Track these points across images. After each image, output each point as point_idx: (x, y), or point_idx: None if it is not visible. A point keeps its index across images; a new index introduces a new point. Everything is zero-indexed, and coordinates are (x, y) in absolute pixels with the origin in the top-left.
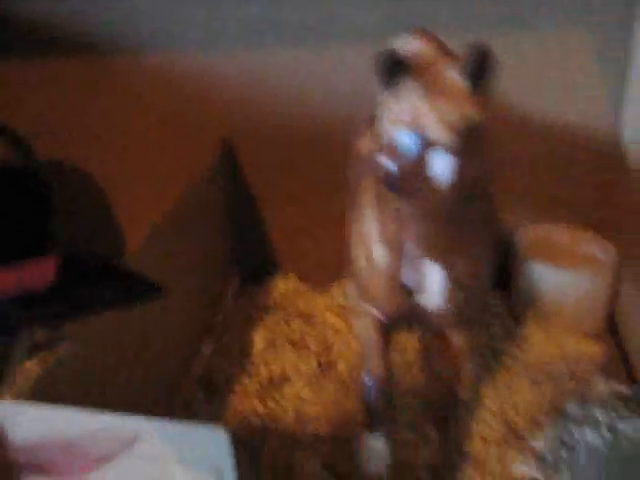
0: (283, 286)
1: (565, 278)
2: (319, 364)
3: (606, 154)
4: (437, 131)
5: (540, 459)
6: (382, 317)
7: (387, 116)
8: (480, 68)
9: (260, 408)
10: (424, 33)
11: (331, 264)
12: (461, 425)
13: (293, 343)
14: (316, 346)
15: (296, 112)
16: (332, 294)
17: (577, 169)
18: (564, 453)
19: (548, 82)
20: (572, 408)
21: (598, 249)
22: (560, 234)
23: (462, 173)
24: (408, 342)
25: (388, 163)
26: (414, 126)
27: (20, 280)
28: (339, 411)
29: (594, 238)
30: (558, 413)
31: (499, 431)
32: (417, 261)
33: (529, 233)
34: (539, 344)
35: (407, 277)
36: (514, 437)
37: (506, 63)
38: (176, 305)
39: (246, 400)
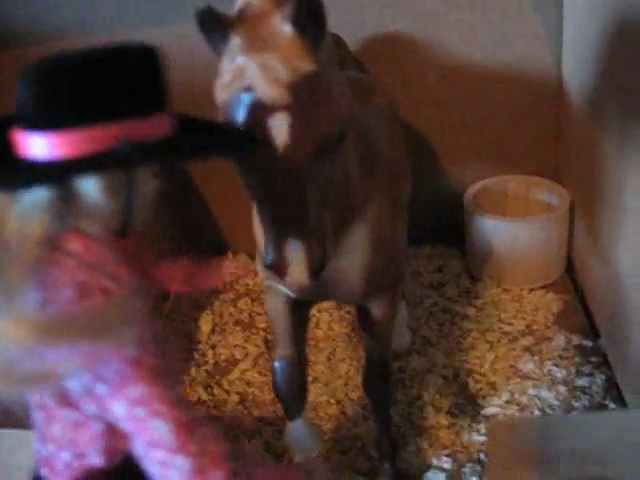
0: (232, 267)
1: (518, 229)
2: (266, 342)
3: (549, 95)
4: (264, 89)
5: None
6: (291, 293)
7: (218, 78)
8: (309, 14)
9: (205, 396)
10: None
11: None
12: (389, 399)
13: (241, 324)
14: (264, 323)
15: None
16: None
17: (522, 116)
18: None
19: (482, 27)
20: (527, 367)
21: (551, 196)
22: (512, 185)
23: (302, 133)
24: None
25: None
26: (242, 85)
27: (139, 131)
28: None
29: (547, 185)
30: (514, 373)
31: (452, 398)
32: (272, 239)
33: (480, 188)
34: (495, 301)
35: (270, 259)
36: (467, 403)
37: (434, 11)
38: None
39: (192, 389)
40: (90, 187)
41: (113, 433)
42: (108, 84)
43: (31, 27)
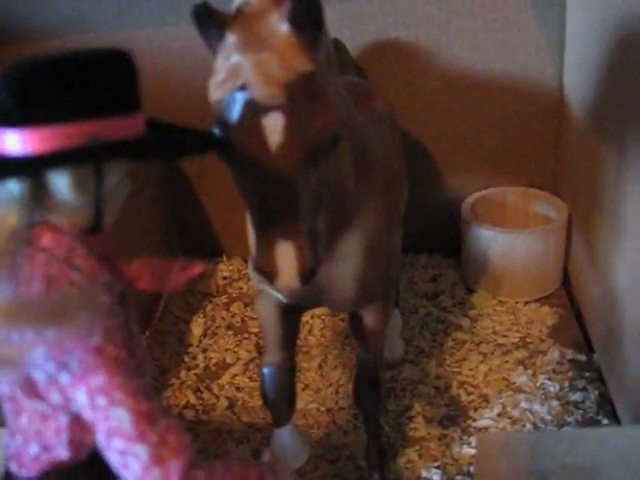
0: (226, 270)
1: (515, 240)
2: (257, 347)
3: (549, 107)
4: (259, 88)
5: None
6: (283, 298)
7: (213, 77)
8: (306, 13)
9: (195, 400)
10: None
11: None
12: (379, 409)
13: (233, 328)
14: (256, 327)
15: None
16: None
17: (522, 127)
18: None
19: (483, 36)
20: (520, 380)
21: (549, 208)
22: (510, 196)
23: (296, 134)
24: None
25: (215, 130)
26: (237, 84)
27: (110, 130)
28: None
29: (545, 197)
30: (507, 386)
31: (443, 410)
32: (263, 241)
33: (478, 198)
34: (490, 313)
35: (260, 261)
36: (459, 415)
37: (435, 19)
38: None
39: (181, 393)
40: (61, 183)
41: (78, 425)
42: (81, 85)
43: (29, 23)
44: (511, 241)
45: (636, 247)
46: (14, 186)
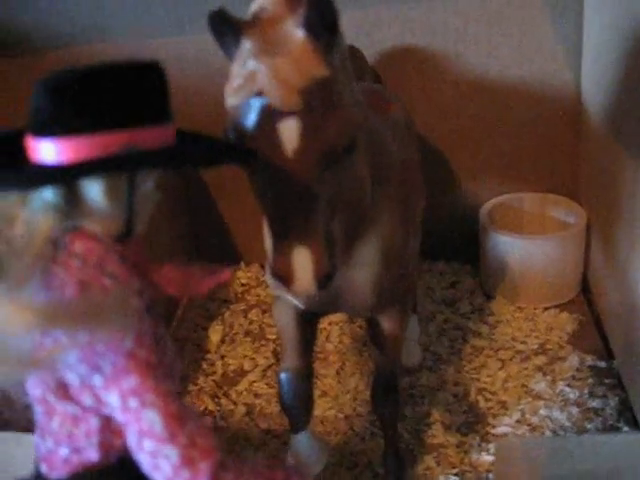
0: (244, 277)
1: (533, 246)
2: (275, 353)
3: (567, 112)
4: (275, 93)
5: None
6: (300, 304)
7: (229, 83)
8: (322, 19)
9: (213, 406)
10: None
11: None
12: (397, 415)
13: (251, 335)
14: (274, 334)
15: None
16: None
17: (539, 132)
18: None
19: (500, 42)
20: (539, 386)
21: (567, 213)
22: (528, 202)
23: (312, 139)
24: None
25: (231, 135)
26: (253, 90)
27: (143, 140)
28: None
29: (563, 202)
30: (526, 393)
31: (461, 416)
32: (280, 246)
33: (496, 204)
34: (509, 319)
35: (276, 266)
36: (477, 422)
37: (451, 25)
38: None
39: (199, 399)
40: (94, 190)
41: (109, 428)
42: (116, 95)
43: (47, 32)
44: (529, 247)
45: None
46: (49, 193)
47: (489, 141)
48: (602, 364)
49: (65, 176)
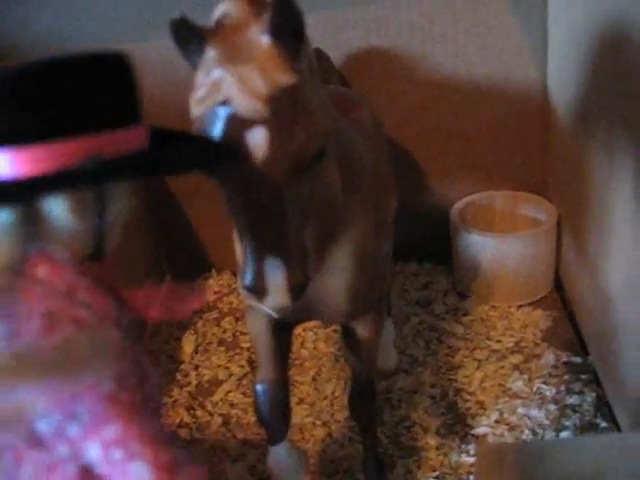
0: (216, 284)
1: (505, 245)
2: (250, 362)
3: (534, 110)
4: (241, 102)
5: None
6: (273, 313)
7: (194, 92)
8: (287, 24)
9: (188, 418)
10: None
11: None
12: (375, 420)
13: (225, 344)
14: (248, 342)
15: None
16: None
17: (508, 131)
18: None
19: (466, 41)
20: (516, 385)
21: (538, 211)
22: (498, 201)
23: (281, 147)
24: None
25: None
26: (218, 99)
27: (111, 145)
28: None
29: (534, 200)
30: (503, 392)
31: (440, 418)
32: (251, 258)
33: (467, 204)
34: (483, 318)
35: (248, 277)
36: (456, 423)
37: (417, 25)
38: None
39: (174, 412)
40: (57, 208)
41: (88, 476)
42: (76, 94)
43: (9, 40)
44: (501, 246)
45: (626, 247)
46: (4, 213)
47: (458, 140)
48: (577, 360)
49: (22, 193)
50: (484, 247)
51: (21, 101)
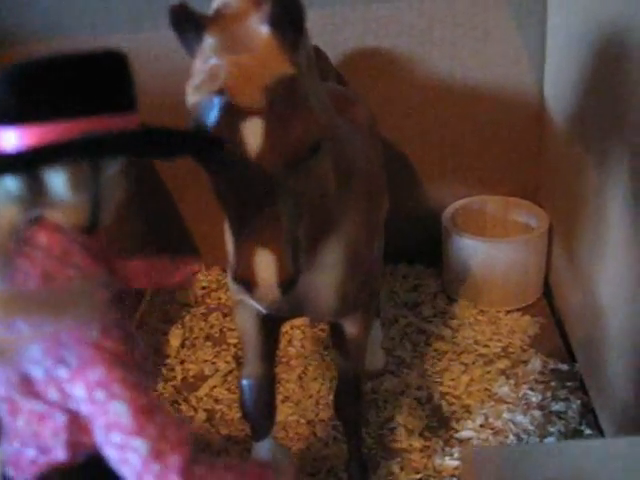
0: (205, 280)
1: (495, 250)
2: (236, 358)
3: (530, 116)
4: (238, 91)
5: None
6: (262, 308)
7: (190, 80)
8: (287, 15)
9: (172, 412)
10: None
11: None
12: (360, 420)
13: (211, 339)
14: (235, 338)
15: None
16: None
17: (502, 136)
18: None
19: (464, 45)
20: (502, 390)
21: (530, 217)
22: (490, 205)
23: (276, 139)
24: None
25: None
26: (215, 88)
27: (110, 126)
28: None
29: (526, 206)
30: (489, 397)
31: (425, 421)
32: (242, 249)
33: (459, 207)
34: (471, 322)
35: (239, 269)
36: (441, 426)
37: (416, 27)
38: None
39: None
40: (57, 180)
41: (76, 425)
42: (78, 84)
43: (4, 29)
44: (492, 250)
45: (618, 256)
46: (11, 183)
47: (452, 144)
48: (564, 367)
49: (25, 163)
50: (474, 251)
51: (30, 88)
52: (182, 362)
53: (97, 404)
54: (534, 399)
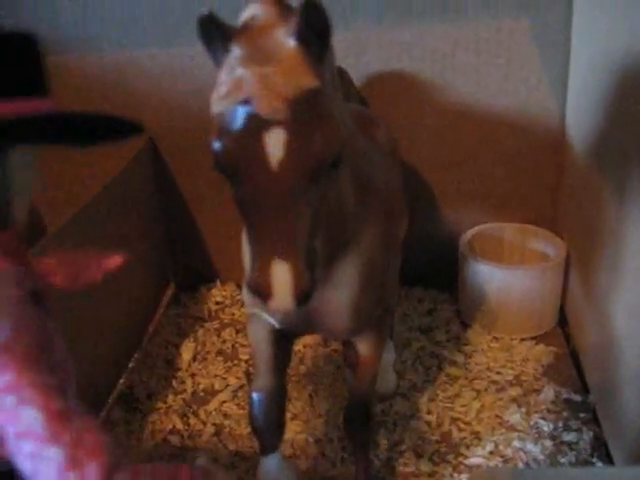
0: (219, 295)
1: (511, 277)
2: (247, 374)
3: (551, 144)
4: (264, 103)
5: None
6: (275, 322)
7: (216, 90)
8: (314, 29)
9: (181, 425)
10: None
11: None
12: (369, 442)
13: (223, 354)
14: (247, 354)
15: None
16: None
17: (522, 163)
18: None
19: (487, 71)
20: (514, 418)
21: (547, 245)
22: (508, 232)
23: (298, 151)
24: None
25: (215, 143)
26: (240, 98)
27: (18, 111)
28: None
29: (544, 235)
30: (500, 424)
31: (434, 446)
32: (259, 259)
33: (476, 233)
34: (485, 349)
35: (254, 280)
36: (450, 452)
37: (440, 52)
38: (105, 315)
39: (167, 418)
40: None
41: None
42: None
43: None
44: (508, 277)
45: (634, 287)
46: None
47: (472, 169)
48: (577, 398)
49: None
50: (491, 277)
51: None
52: (193, 376)
53: (7, 411)
54: (545, 428)
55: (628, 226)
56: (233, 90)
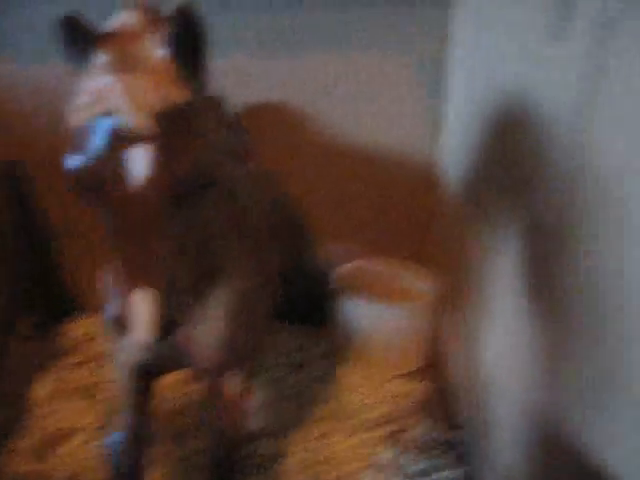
0: (83, 327)
1: (383, 313)
2: (106, 413)
3: (424, 182)
4: (129, 115)
5: None
6: (140, 356)
7: (74, 99)
8: (188, 40)
9: (32, 468)
10: (141, 3)
11: None
12: None
13: (83, 391)
14: (106, 392)
15: None
16: None
17: (397, 200)
18: None
19: (365, 106)
20: (384, 457)
21: (419, 282)
22: (382, 268)
23: (165, 169)
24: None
25: (72, 159)
26: (103, 110)
27: None
28: None
29: (416, 271)
30: (370, 463)
31: None
32: (120, 287)
33: (350, 268)
34: (357, 386)
35: (113, 309)
36: None
37: (321, 83)
38: None
39: (18, 460)
40: None
41: None
42: None
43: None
44: (380, 314)
45: (505, 325)
46: None
47: (347, 204)
48: (449, 435)
49: None
50: (362, 314)
51: None
52: (47, 415)
53: None
54: (416, 467)
55: (498, 264)
56: (96, 100)
